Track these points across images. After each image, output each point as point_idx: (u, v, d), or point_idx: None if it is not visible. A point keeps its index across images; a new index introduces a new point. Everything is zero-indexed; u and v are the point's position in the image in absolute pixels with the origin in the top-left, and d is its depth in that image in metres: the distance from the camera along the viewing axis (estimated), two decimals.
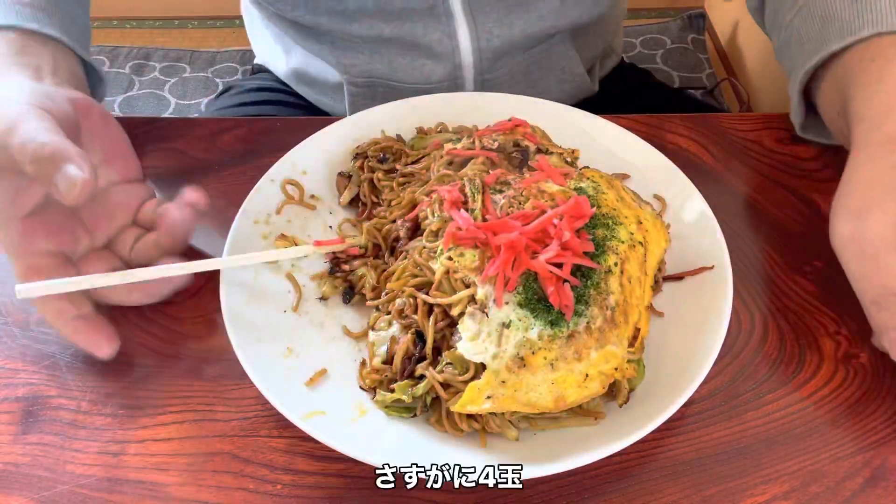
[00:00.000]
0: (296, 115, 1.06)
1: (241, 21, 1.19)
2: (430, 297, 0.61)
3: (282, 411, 0.56)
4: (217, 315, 0.62)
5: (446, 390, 0.58)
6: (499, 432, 0.58)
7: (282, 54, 1.08)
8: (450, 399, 0.57)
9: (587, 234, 0.61)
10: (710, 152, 0.83)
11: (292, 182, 0.74)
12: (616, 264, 0.61)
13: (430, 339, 0.60)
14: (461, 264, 0.60)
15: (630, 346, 0.59)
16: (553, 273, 0.58)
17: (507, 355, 0.56)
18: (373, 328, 0.64)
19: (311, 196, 0.74)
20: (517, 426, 0.58)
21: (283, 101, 1.10)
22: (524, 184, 0.65)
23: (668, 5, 2.42)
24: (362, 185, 0.74)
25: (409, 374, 0.60)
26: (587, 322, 0.58)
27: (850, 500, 0.57)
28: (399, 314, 0.63)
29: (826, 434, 0.60)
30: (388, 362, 0.61)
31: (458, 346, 0.57)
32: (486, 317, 0.57)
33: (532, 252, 0.59)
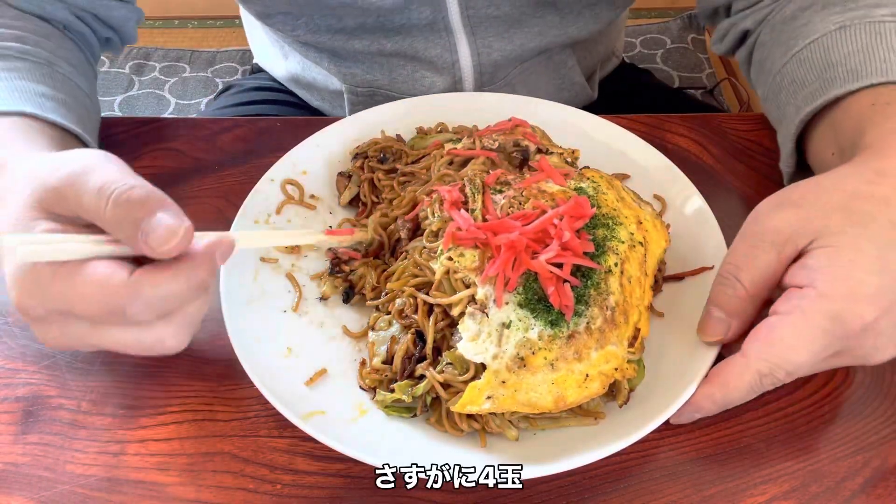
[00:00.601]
0: (295, 115, 1.06)
1: (241, 21, 1.19)
2: (430, 297, 0.61)
3: (281, 411, 0.56)
4: (217, 314, 0.62)
5: (446, 390, 0.58)
6: (499, 432, 0.58)
7: (280, 58, 1.08)
8: (450, 399, 0.57)
9: (587, 234, 0.61)
10: (710, 152, 0.83)
11: (292, 182, 0.74)
12: (616, 264, 0.61)
13: (430, 339, 0.60)
14: (461, 264, 0.60)
15: (630, 346, 0.60)
16: (553, 273, 0.58)
17: (507, 355, 0.56)
18: (373, 328, 0.64)
19: (311, 196, 0.74)
20: (517, 426, 0.58)
21: (283, 101, 1.10)
22: (524, 184, 0.65)
23: (668, 5, 2.42)
24: (362, 185, 0.74)
25: (410, 373, 0.60)
26: (587, 322, 0.58)
27: (850, 500, 0.57)
28: (399, 314, 0.63)
29: (826, 434, 0.60)
30: (388, 362, 0.61)
31: (459, 347, 0.57)
32: (486, 317, 0.57)
33: (532, 252, 0.59)
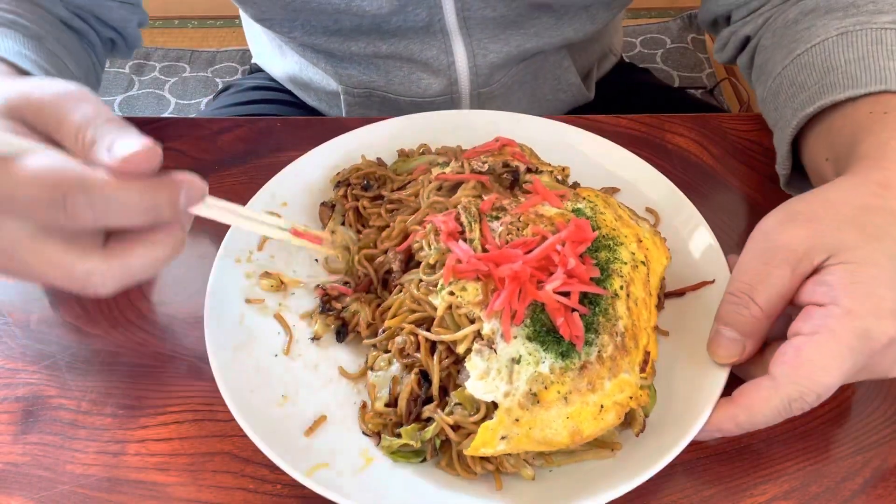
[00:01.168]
0: (295, 115, 1.06)
1: (241, 21, 1.19)
2: (433, 334, 0.59)
3: (283, 468, 0.54)
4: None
5: (456, 432, 0.56)
6: (514, 472, 0.56)
7: (278, 58, 1.08)
8: (461, 441, 0.55)
9: (591, 258, 0.59)
10: (709, 152, 0.83)
11: (273, 214, 0.67)
12: (622, 287, 0.59)
13: (435, 379, 0.58)
14: (464, 299, 0.57)
15: (642, 371, 0.58)
16: (561, 303, 0.56)
17: (519, 392, 0.54)
18: (371, 368, 0.61)
19: None
20: (532, 463, 0.56)
21: (283, 101, 1.10)
22: (521, 209, 0.63)
23: (668, 5, 2.42)
24: (347, 215, 0.71)
25: (416, 416, 0.57)
26: (598, 351, 0.56)
27: (849, 500, 0.57)
28: (400, 353, 0.60)
29: (826, 434, 0.60)
30: (391, 404, 0.59)
31: (468, 386, 0.55)
32: (494, 353, 0.55)
33: (537, 281, 0.57)
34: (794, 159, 0.74)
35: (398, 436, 0.57)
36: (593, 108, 1.08)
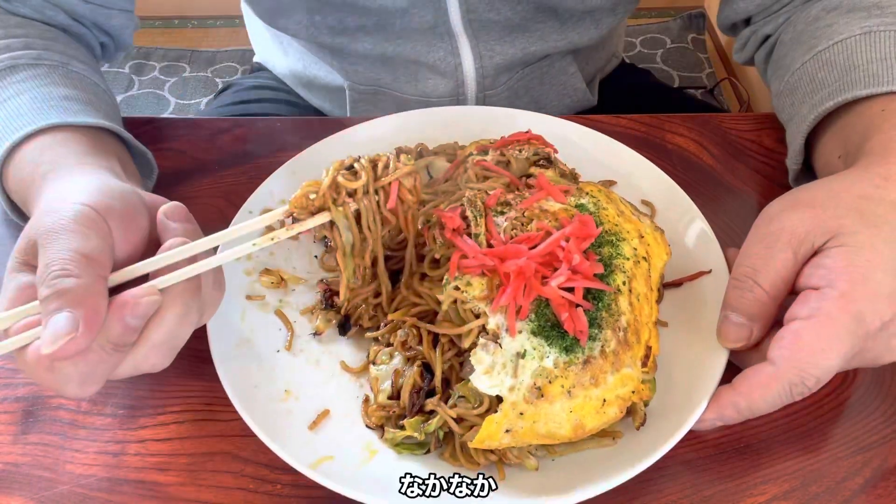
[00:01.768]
0: (295, 115, 1.06)
1: (241, 21, 1.19)
2: (437, 328, 0.59)
3: (287, 461, 0.55)
4: (217, 314, 0.62)
5: (459, 424, 0.56)
6: (517, 463, 0.56)
7: (281, 55, 1.08)
8: (464, 434, 0.56)
9: (594, 253, 0.60)
10: (710, 152, 0.83)
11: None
12: (624, 283, 0.59)
13: (438, 371, 0.58)
14: (470, 294, 0.57)
15: (643, 365, 0.58)
16: (565, 298, 0.56)
17: (523, 386, 0.54)
18: (373, 362, 0.62)
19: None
20: (534, 454, 0.57)
21: (283, 100, 1.10)
22: (525, 204, 0.63)
23: (668, 5, 2.42)
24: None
25: (419, 409, 0.58)
26: (601, 346, 0.56)
27: (849, 500, 0.57)
28: (403, 346, 0.61)
29: (826, 434, 0.60)
30: (393, 397, 0.59)
31: (473, 380, 0.55)
32: (499, 347, 0.55)
33: (542, 277, 0.57)
34: (803, 157, 0.74)
35: (401, 428, 0.57)
36: (593, 109, 1.08)
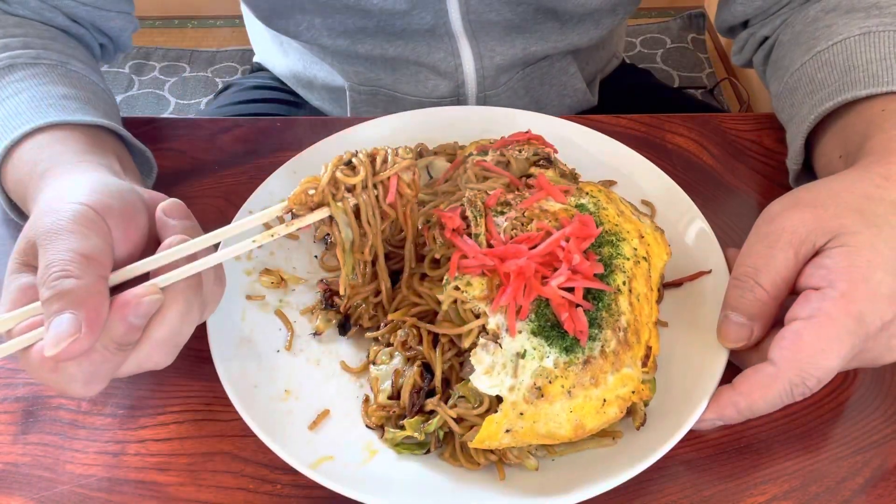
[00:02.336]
0: (295, 114, 1.06)
1: (241, 21, 1.19)
2: (437, 327, 0.59)
3: (287, 461, 0.55)
4: (217, 314, 0.62)
5: (459, 424, 0.56)
6: (517, 463, 0.56)
7: (280, 55, 1.08)
8: (465, 434, 0.56)
9: (594, 254, 0.60)
10: (709, 152, 0.83)
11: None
12: (624, 283, 0.59)
13: (438, 372, 0.58)
14: (470, 294, 0.57)
15: (644, 365, 0.58)
16: (565, 298, 0.56)
17: (524, 386, 0.54)
18: (373, 362, 0.62)
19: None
20: (534, 454, 0.57)
21: (283, 100, 1.10)
22: (525, 204, 0.63)
23: (668, 5, 2.42)
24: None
25: (419, 409, 0.58)
26: (601, 346, 0.56)
27: (849, 500, 0.57)
28: (402, 345, 0.61)
29: (826, 434, 0.60)
30: (393, 397, 0.59)
31: (473, 380, 0.55)
32: (499, 347, 0.55)
33: (542, 277, 0.57)
34: (804, 157, 0.74)
35: (402, 428, 0.57)
36: (594, 109, 1.08)
